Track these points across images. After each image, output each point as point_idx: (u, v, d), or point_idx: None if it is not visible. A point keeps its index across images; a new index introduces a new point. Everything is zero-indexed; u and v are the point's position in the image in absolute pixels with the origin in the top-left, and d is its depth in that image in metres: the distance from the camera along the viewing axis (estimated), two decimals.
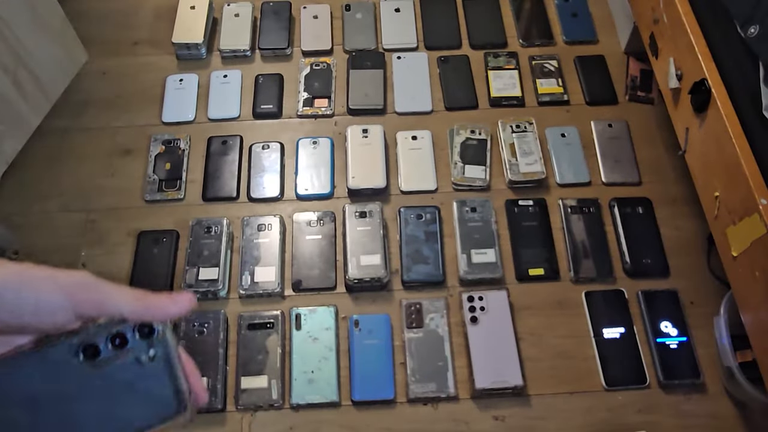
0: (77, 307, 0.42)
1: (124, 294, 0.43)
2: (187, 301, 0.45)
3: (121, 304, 0.43)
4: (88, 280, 0.42)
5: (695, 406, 1.24)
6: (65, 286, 0.41)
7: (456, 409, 1.24)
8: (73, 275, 0.42)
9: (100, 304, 0.42)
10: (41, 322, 0.41)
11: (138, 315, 0.43)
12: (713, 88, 1.10)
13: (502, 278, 1.36)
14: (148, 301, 0.44)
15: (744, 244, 1.02)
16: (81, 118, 1.58)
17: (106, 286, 0.43)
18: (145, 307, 0.43)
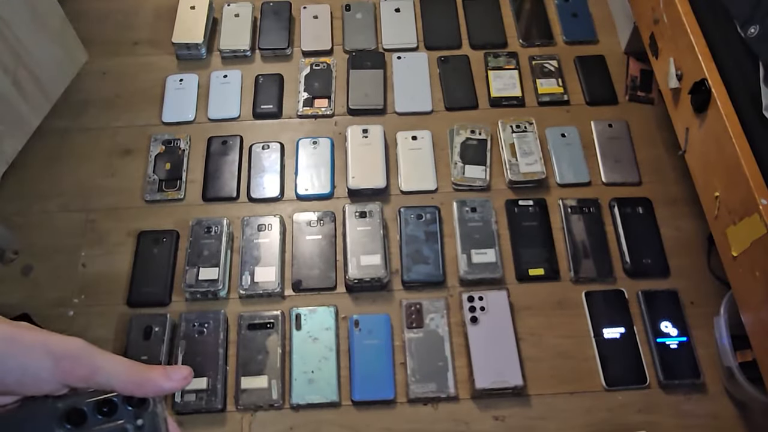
0: (65, 379, 0.41)
1: (117, 367, 0.42)
2: (183, 378, 0.44)
3: (112, 379, 0.41)
4: (81, 352, 0.41)
5: (695, 406, 1.24)
6: (56, 356, 0.40)
7: (456, 409, 1.24)
8: (66, 344, 0.41)
9: (91, 376, 0.41)
10: (25, 388, 0.40)
11: (130, 391, 0.42)
12: (713, 88, 1.10)
13: (503, 278, 1.36)
14: (141, 377, 0.42)
15: (744, 244, 1.02)
16: (81, 118, 1.58)
17: (100, 359, 0.41)
18: (137, 383, 0.42)
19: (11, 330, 0.40)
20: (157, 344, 1.27)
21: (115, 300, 1.35)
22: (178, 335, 1.28)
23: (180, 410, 1.22)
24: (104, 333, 1.31)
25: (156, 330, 1.29)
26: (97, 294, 1.36)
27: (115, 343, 1.30)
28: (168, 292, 1.35)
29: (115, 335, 1.31)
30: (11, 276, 1.37)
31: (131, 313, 1.32)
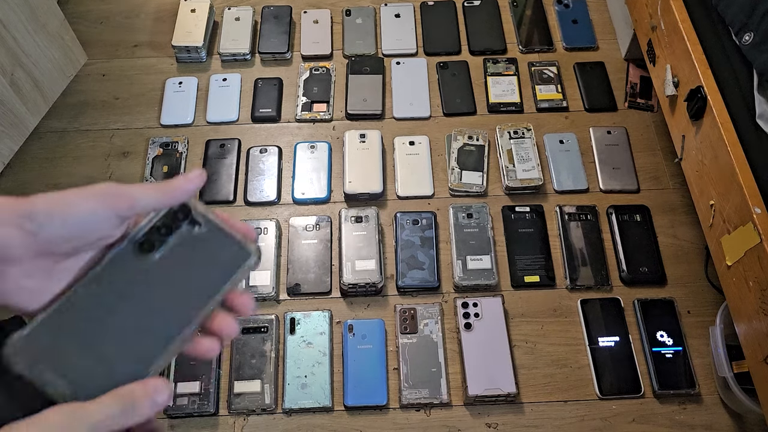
0: (116, 211, 0.45)
1: (146, 189, 0.47)
2: (197, 176, 0.49)
3: (147, 198, 0.46)
4: (114, 188, 0.46)
5: (690, 417, 1.23)
6: (100, 197, 0.44)
7: (449, 416, 1.23)
8: (100, 187, 0.45)
9: (132, 203, 0.46)
10: (93, 234, 0.45)
11: (164, 203, 0.48)
12: (709, 95, 1.09)
13: (498, 285, 1.35)
14: (168, 188, 0.48)
15: (738, 254, 1.02)
16: (79, 119, 1.58)
17: (130, 188, 0.46)
18: (168, 195, 0.48)
19: (55, 193, 0.43)
20: None
21: None
22: None
23: (172, 414, 1.22)
24: None
25: None
26: None
27: None
28: None
29: None
30: None
31: None
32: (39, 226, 0.42)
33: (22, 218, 0.41)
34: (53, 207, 0.43)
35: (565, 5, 1.76)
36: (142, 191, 0.46)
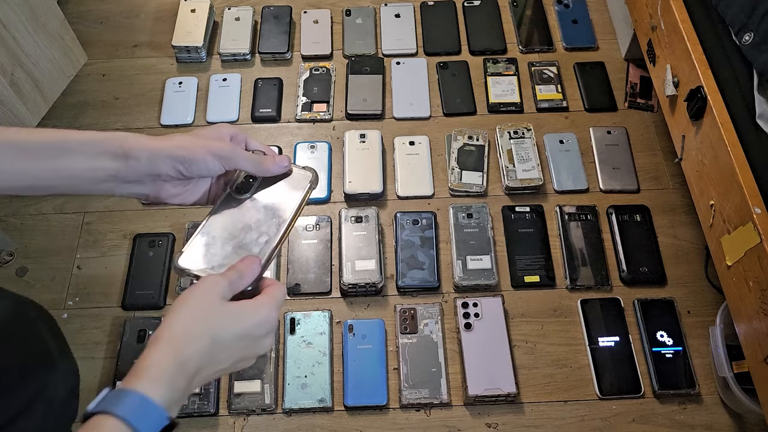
0: (226, 168, 0.68)
1: (246, 157, 0.69)
2: (284, 166, 0.72)
3: (246, 166, 0.69)
4: (228, 153, 0.67)
5: (690, 417, 1.23)
6: (219, 159, 0.67)
7: (449, 416, 1.23)
8: (222, 150, 0.67)
9: (236, 165, 0.69)
10: (209, 174, 0.68)
11: (255, 171, 0.70)
12: (709, 95, 1.09)
13: (498, 285, 1.35)
14: (261, 166, 0.70)
15: (738, 254, 1.02)
16: (79, 119, 1.58)
17: (237, 155, 0.68)
18: (259, 169, 0.70)
19: (188, 142, 0.66)
20: None
21: (109, 302, 1.35)
22: None
23: None
24: (98, 335, 1.31)
25: (150, 333, 1.28)
26: (92, 296, 1.35)
27: (109, 345, 1.30)
28: (163, 296, 1.35)
29: (108, 338, 1.31)
30: (6, 277, 1.37)
31: (125, 316, 1.32)
32: (184, 168, 0.66)
33: (175, 161, 0.65)
34: (193, 159, 0.65)
35: (565, 5, 1.76)
36: (243, 159, 0.69)
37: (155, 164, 0.64)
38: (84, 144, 0.63)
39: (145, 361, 0.53)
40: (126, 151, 0.63)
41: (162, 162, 0.64)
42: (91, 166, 0.63)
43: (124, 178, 0.65)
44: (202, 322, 0.57)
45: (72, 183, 0.64)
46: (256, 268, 0.64)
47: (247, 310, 0.60)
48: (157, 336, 0.55)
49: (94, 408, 0.51)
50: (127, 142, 0.64)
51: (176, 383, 0.53)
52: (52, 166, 0.63)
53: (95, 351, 1.29)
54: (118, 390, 0.51)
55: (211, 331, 0.57)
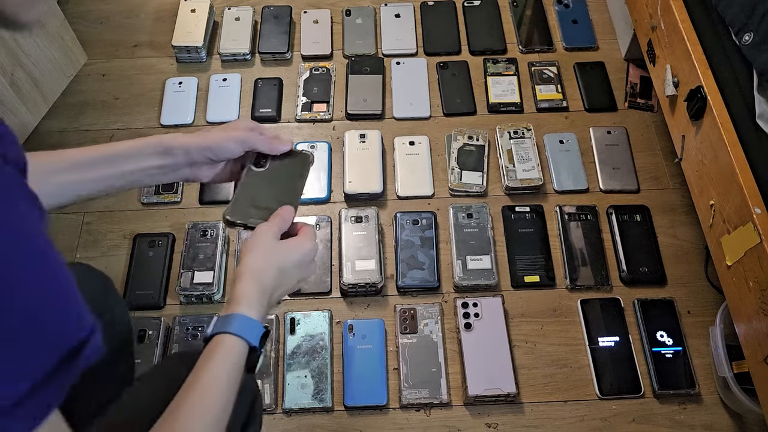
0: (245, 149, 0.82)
1: (258, 139, 0.82)
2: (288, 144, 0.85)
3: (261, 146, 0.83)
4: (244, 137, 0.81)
5: (690, 417, 1.23)
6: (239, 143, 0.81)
7: (449, 416, 1.23)
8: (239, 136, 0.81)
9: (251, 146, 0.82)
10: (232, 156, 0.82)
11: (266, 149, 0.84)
12: (709, 95, 1.09)
13: (497, 285, 1.35)
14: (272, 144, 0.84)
15: (738, 254, 1.02)
16: (79, 119, 1.58)
17: (254, 139, 0.82)
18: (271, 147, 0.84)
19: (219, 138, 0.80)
20: (150, 348, 1.27)
21: None
22: (172, 339, 1.28)
23: None
24: None
25: (150, 333, 1.28)
26: None
27: None
28: (163, 296, 1.35)
29: None
30: None
31: None
32: (212, 154, 0.80)
33: (204, 150, 0.80)
34: (217, 146, 0.80)
35: (565, 5, 1.76)
36: (259, 142, 0.82)
37: (190, 155, 0.80)
38: (135, 149, 0.80)
39: (238, 293, 0.72)
40: (166, 149, 0.79)
41: (194, 152, 0.80)
42: (144, 165, 0.80)
43: (169, 168, 0.81)
44: (269, 258, 0.75)
45: (131, 180, 0.81)
46: (292, 213, 0.81)
47: (297, 243, 0.78)
48: (240, 272, 0.74)
49: (212, 331, 0.70)
50: (167, 141, 0.80)
51: (262, 304, 0.73)
52: (114, 172, 0.80)
53: None
54: (225, 315, 0.70)
55: (278, 263, 0.75)
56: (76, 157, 0.79)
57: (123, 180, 0.81)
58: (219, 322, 0.70)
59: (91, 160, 0.79)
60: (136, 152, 0.80)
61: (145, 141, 0.80)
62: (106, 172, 0.79)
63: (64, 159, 0.78)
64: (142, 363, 1.25)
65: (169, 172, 0.82)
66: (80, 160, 0.79)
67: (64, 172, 0.78)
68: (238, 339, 0.69)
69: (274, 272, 0.75)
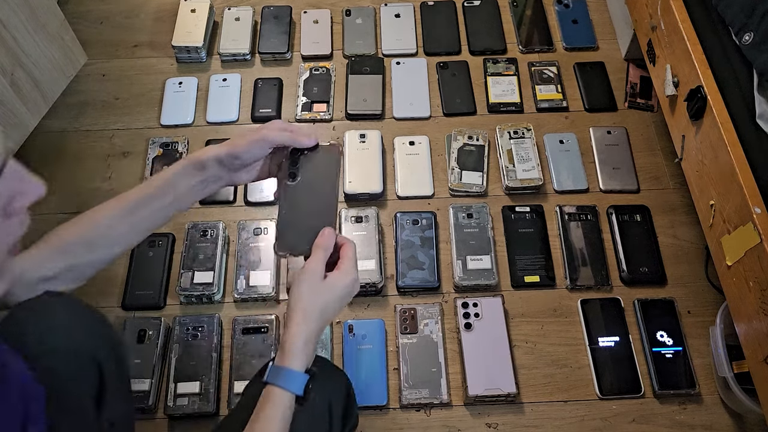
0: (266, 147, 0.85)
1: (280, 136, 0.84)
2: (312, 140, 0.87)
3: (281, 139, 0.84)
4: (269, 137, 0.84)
5: (690, 417, 1.23)
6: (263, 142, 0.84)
7: (449, 416, 1.23)
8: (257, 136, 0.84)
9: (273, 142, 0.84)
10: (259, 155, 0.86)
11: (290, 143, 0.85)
12: (709, 95, 1.09)
13: (498, 285, 1.35)
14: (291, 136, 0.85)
15: (738, 254, 1.02)
16: (79, 119, 1.58)
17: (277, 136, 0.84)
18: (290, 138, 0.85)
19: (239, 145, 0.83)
20: (150, 348, 1.27)
21: (109, 303, 1.35)
22: (172, 339, 1.28)
23: (172, 413, 1.21)
24: None
25: (150, 333, 1.28)
26: (92, 296, 1.35)
27: None
28: (163, 296, 1.35)
29: None
30: None
31: (125, 316, 1.32)
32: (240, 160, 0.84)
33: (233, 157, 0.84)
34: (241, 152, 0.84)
35: (565, 5, 1.76)
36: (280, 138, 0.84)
37: (223, 164, 0.85)
38: (175, 174, 0.85)
39: (288, 342, 0.77)
40: (200, 163, 0.85)
41: (226, 161, 0.84)
42: (188, 185, 0.85)
43: (209, 181, 0.86)
44: (314, 303, 0.79)
45: (185, 200, 0.87)
46: (333, 237, 0.82)
47: (341, 279, 0.81)
48: (290, 317, 0.78)
49: (266, 380, 0.76)
50: (197, 156, 0.85)
51: (307, 350, 0.78)
52: (168, 200, 0.86)
53: None
54: (277, 368, 0.76)
55: (321, 306, 0.79)
56: (132, 198, 0.85)
57: (179, 202, 0.87)
58: (272, 372, 0.77)
59: (146, 198, 0.85)
60: (177, 175, 0.85)
61: (180, 163, 0.86)
62: (163, 202, 0.86)
63: (124, 205, 0.85)
64: (141, 363, 1.25)
65: (210, 184, 0.87)
66: (137, 201, 0.85)
67: (129, 215, 0.85)
68: (285, 392, 0.76)
69: (317, 316, 0.79)
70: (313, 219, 0.84)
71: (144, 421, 1.23)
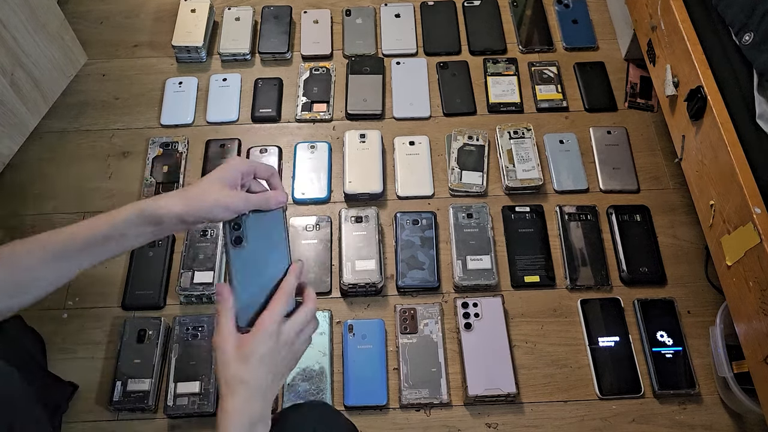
0: (234, 213, 0.79)
1: (253, 203, 0.79)
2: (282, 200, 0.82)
3: (254, 207, 0.80)
4: (238, 205, 0.78)
5: (690, 417, 1.23)
6: (227, 207, 0.78)
7: (449, 416, 1.23)
8: (231, 201, 0.78)
9: (244, 209, 0.79)
10: (221, 218, 0.79)
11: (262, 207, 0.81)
12: (709, 95, 1.09)
13: (498, 285, 1.35)
14: (264, 202, 0.81)
15: (738, 254, 1.02)
16: (79, 119, 1.58)
17: (246, 203, 0.79)
18: (264, 204, 0.81)
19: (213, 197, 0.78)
20: (150, 348, 1.27)
21: (109, 303, 1.35)
22: (172, 339, 1.28)
23: (172, 414, 1.21)
24: (98, 336, 1.31)
25: (150, 333, 1.28)
26: (91, 296, 1.35)
27: (109, 346, 1.30)
28: (163, 296, 1.35)
29: (108, 338, 1.31)
30: None
31: (125, 316, 1.32)
32: (205, 219, 0.78)
33: (197, 219, 0.78)
34: (209, 214, 0.78)
35: (565, 5, 1.76)
36: (253, 206, 0.80)
37: (183, 222, 0.78)
38: (123, 225, 0.77)
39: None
40: (156, 218, 0.77)
41: (187, 218, 0.77)
42: (137, 233, 0.78)
43: (162, 232, 0.80)
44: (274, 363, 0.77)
45: (123, 250, 0.80)
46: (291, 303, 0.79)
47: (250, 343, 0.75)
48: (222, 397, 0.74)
49: None
50: (153, 209, 0.77)
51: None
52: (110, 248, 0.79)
53: (95, 351, 1.30)
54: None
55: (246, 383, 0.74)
56: (66, 243, 0.77)
57: (121, 249, 0.80)
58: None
59: (88, 243, 0.78)
60: (129, 224, 0.77)
61: (132, 212, 0.77)
62: (105, 250, 0.79)
63: (56, 248, 0.77)
64: (141, 363, 1.25)
65: (161, 234, 0.80)
66: (72, 246, 0.77)
67: (60, 260, 0.78)
68: None
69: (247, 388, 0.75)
70: (271, 282, 0.79)
71: (144, 421, 1.23)
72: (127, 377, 1.24)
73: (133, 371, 1.25)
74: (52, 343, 1.30)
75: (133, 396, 1.22)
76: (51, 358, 1.28)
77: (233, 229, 0.80)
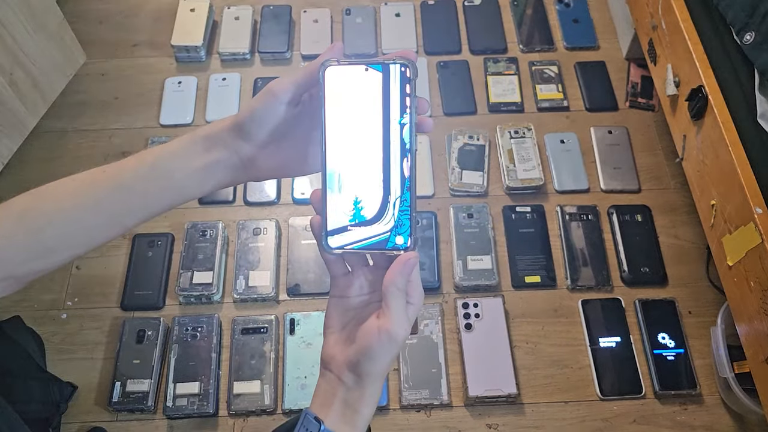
0: (281, 103, 0.62)
1: (288, 79, 0.62)
2: (332, 49, 0.62)
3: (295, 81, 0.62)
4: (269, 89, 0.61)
5: (691, 418, 1.23)
6: (281, 82, 0.61)
7: (449, 417, 1.23)
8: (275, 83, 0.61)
9: (284, 96, 0.62)
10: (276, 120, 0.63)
11: (307, 78, 0.62)
12: (710, 95, 1.09)
13: (498, 285, 1.35)
14: (305, 69, 0.62)
15: (739, 254, 1.01)
16: (78, 119, 1.58)
17: (290, 79, 0.61)
18: (306, 74, 0.62)
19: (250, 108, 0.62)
20: (150, 348, 1.27)
21: (108, 303, 1.34)
22: (171, 339, 1.28)
23: (171, 414, 1.21)
24: (97, 336, 1.31)
25: (149, 334, 1.28)
26: (91, 297, 1.35)
27: (108, 346, 1.29)
28: (162, 296, 1.35)
29: (107, 338, 1.31)
30: None
31: (124, 317, 1.32)
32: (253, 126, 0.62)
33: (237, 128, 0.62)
34: (252, 106, 0.61)
35: (566, 4, 1.76)
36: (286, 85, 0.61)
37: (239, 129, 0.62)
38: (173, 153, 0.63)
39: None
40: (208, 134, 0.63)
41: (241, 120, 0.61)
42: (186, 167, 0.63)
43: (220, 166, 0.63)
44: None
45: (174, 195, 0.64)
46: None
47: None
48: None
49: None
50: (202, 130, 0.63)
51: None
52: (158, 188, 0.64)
53: (94, 351, 1.29)
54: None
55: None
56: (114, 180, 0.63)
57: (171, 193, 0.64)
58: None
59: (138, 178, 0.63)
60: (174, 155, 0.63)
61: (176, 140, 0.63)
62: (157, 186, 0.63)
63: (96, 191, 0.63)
64: (140, 363, 1.25)
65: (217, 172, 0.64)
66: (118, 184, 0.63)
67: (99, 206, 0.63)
68: None
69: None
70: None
71: (143, 422, 1.22)
72: (126, 378, 1.24)
73: (132, 372, 1.24)
74: (51, 344, 1.30)
75: (133, 396, 1.22)
76: (50, 359, 1.28)
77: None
